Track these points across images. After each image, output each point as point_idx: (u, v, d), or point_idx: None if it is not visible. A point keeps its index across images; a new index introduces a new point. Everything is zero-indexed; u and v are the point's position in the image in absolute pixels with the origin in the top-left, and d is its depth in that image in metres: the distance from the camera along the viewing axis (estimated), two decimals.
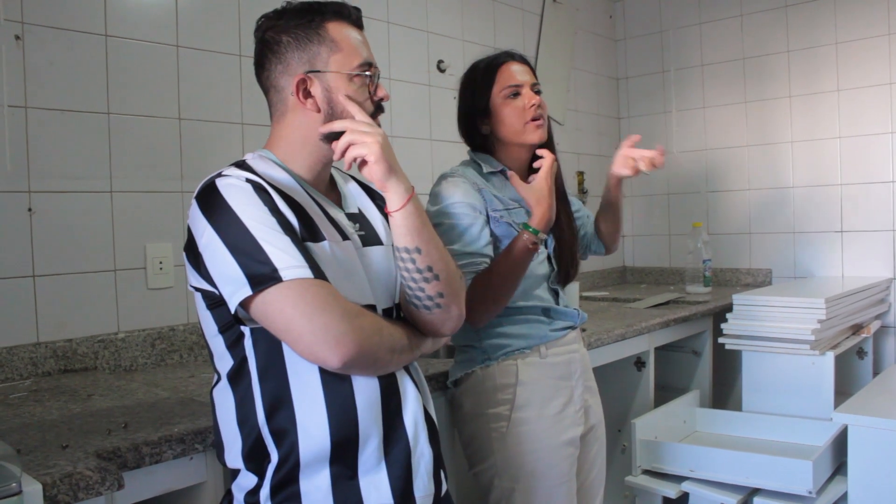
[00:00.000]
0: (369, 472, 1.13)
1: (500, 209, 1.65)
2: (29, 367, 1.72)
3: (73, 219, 1.81)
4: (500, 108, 1.68)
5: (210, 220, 1.07)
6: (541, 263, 1.70)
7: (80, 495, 1.03)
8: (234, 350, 1.13)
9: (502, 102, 1.68)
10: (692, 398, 2.68)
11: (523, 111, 1.67)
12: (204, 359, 1.99)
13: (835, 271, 3.23)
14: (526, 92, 1.68)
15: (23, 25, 1.72)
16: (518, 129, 1.67)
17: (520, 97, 1.67)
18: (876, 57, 3.09)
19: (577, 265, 1.79)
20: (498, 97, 1.68)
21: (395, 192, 1.16)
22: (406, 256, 1.17)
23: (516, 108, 1.67)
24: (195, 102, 2.04)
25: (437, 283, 1.19)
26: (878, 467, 2.10)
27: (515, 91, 1.67)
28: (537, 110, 1.67)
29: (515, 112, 1.67)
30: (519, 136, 1.68)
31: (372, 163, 1.13)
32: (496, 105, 1.68)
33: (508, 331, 1.66)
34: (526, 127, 1.67)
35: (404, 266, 1.18)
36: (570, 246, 1.76)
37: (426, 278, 1.18)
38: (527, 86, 1.69)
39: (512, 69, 1.69)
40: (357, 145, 1.14)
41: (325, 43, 1.17)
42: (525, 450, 1.63)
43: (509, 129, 1.68)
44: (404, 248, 1.18)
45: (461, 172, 1.68)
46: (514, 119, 1.67)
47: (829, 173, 3.23)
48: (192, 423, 1.32)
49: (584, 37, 3.66)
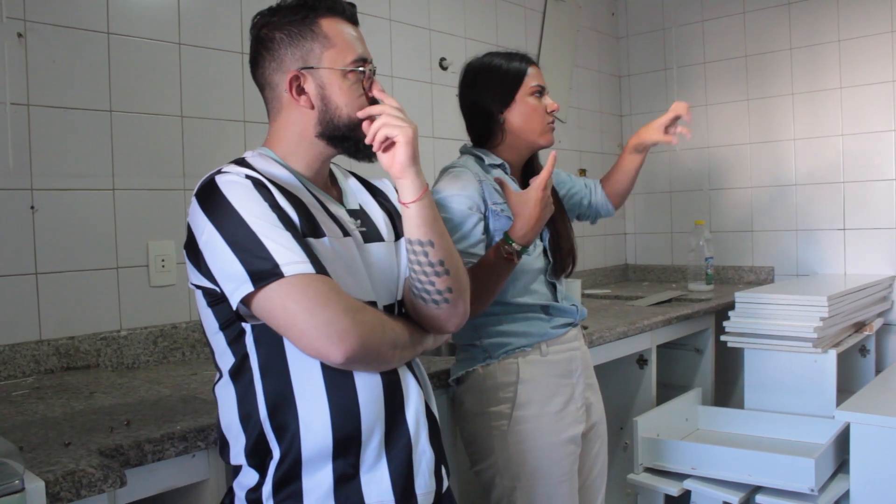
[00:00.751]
0: (371, 469, 1.13)
1: (501, 202, 1.66)
2: (31, 364, 1.72)
3: (76, 216, 1.82)
4: (524, 105, 1.71)
5: (210, 216, 1.07)
6: (537, 257, 1.70)
7: (83, 493, 1.03)
8: (236, 347, 1.13)
9: (528, 99, 1.71)
10: (694, 396, 2.68)
11: (544, 113, 1.72)
12: (206, 356, 1.99)
13: (837, 269, 3.23)
14: (546, 96, 1.74)
15: (25, 23, 1.72)
16: (536, 128, 1.72)
17: (543, 98, 1.73)
18: (879, 54, 3.08)
19: (575, 258, 1.80)
20: (526, 93, 1.71)
21: (412, 183, 1.15)
22: (419, 249, 1.17)
23: (539, 107, 1.72)
24: (197, 100, 2.04)
25: (447, 277, 1.19)
26: (881, 465, 2.10)
27: (542, 91, 1.73)
28: (553, 116, 1.74)
29: (538, 111, 1.71)
30: (534, 134, 1.72)
31: (401, 143, 1.13)
32: (521, 100, 1.71)
33: (509, 329, 1.66)
34: (545, 129, 1.72)
35: (416, 259, 1.18)
36: (567, 238, 1.77)
37: (437, 272, 1.18)
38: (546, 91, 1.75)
39: (536, 72, 1.74)
40: (390, 126, 1.13)
41: (318, 39, 1.16)
42: (526, 448, 1.63)
43: (528, 126, 1.72)
44: (417, 241, 1.17)
45: (463, 163, 1.70)
46: (536, 118, 1.71)
47: (831, 171, 3.22)
48: (194, 420, 1.32)
49: (586, 34, 3.65)
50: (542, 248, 1.72)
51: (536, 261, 1.70)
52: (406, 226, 1.18)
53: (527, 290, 1.68)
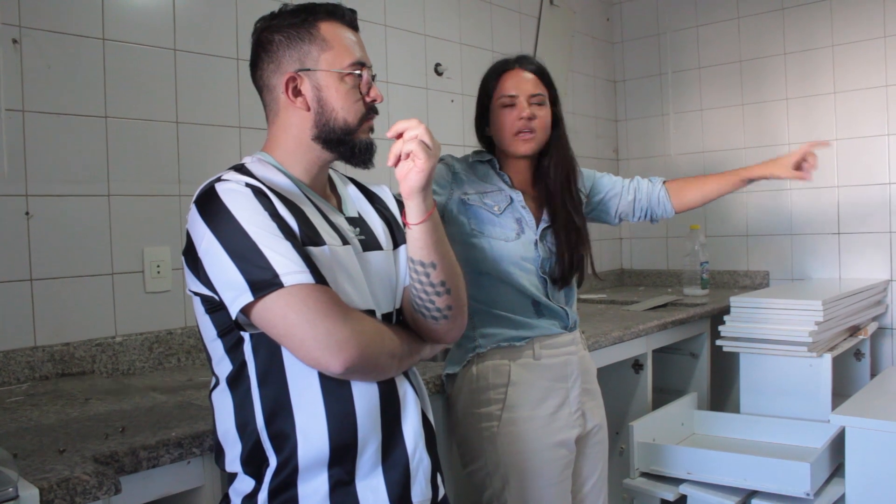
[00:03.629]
0: (367, 477, 1.13)
1: (472, 193, 1.70)
2: (26, 370, 1.72)
3: (71, 223, 1.81)
4: (495, 115, 1.73)
5: (210, 225, 1.07)
6: (525, 245, 1.70)
7: (77, 500, 1.03)
8: (234, 354, 1.13)
9: (498, 110, 1.72)
10: (690, 400, 2.68)
11: (512, 122, 1.70)
12: (202, 362, 1.98)
13: (832, 273, 3.24)
14: (520, 103, 1.70)
15: (20, 29, 1.72)
16: (507, 138, 1.72)
17: (513, 108, 1.70)
18: (872, 59, 3.10)
19: (582, 272, 1.78)
20: (496, 103, 1.73)
21: (417, 206, 1.15)
22: (421, 270, 1.17)
23: (506, 119, 1.71)
24: (193, 106, 2.04)
25: (448, 296, 1.19)
26: (876, 469, 2.10)
27: (511, 102, 1.71)
28: (527, 123, 1.69)
29: (507, 122, 1.71)
30: (507, 145, 1.73)
31: (420, 168, 1.11)
32: (493, 110, 1.74)
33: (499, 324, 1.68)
34: (513, 139, 1.71)
35: (417, 278, 1.18)
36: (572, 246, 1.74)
37: (438, 292, 1.18)
38: (523, 97, 1.71)
39: (515, 77, 1.72)
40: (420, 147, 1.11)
41: (316, 41, 1.17)
42: (515, 450, 1.63)
43: (499, 137, 1.74)
44: (419, 262, 1.17)
45: (442, 157, 1.72)
46: (505, 128, 1.72)
47: (825, 176, 3.22)
48: (189, 427, 1.32)
49: (581, 39, 3.66)
50: (534, 240, 1.72)
51: (524, 248, 1.70)
52: (409, 245, 1.18)
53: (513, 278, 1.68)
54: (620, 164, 3.87)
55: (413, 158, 1.11)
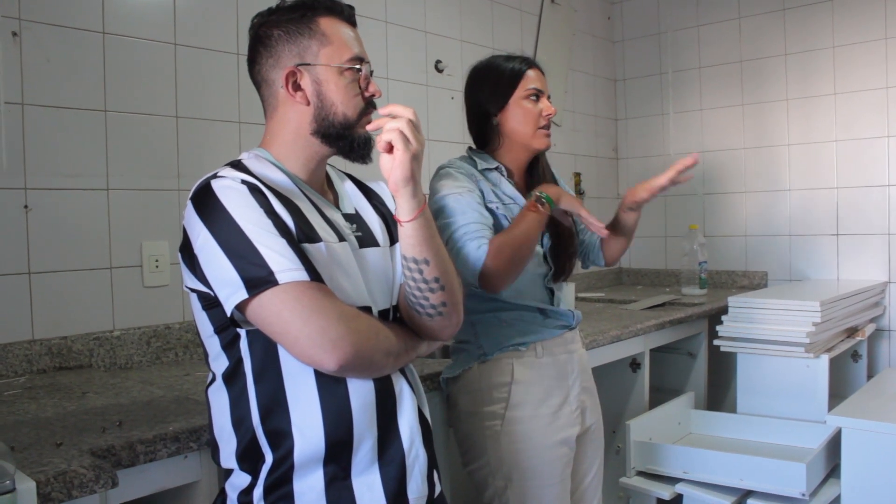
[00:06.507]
0: (363, 473, 1.13)
1: (496, 201, 1.68)
2: (24, 364, 1.72)
3: (70, 216, 1.81)
4: (518, 107, 1.71)
5: (206, 221, 1.07)
6: (538, 264, 1.71)
7: (74, 493, 1.03)
8: (230, 351, 1.13)
9: (522, 102, 1.71)
10: (687, 400, 2.68)
11: (538, 117, 1.71)
12: (199, 357, 1.98)
13: (830, 274, 3.24)
14: (544, 99, 1.73)
15: (20, 22, 1.72)
16: (528, 132, 1.72)
17: (539, 102, 1.72)
18: (872, 61, 3.10)
19: (573, 263, 1.81)
20: (522, 95, 1.71)
21: (406, 202, 1.12)
22: (414, 266, 1.16)
23: (533, 111, 1.71)
24: (192, 100, 2.04)
25: (442, 293, 1.18)
26: (872, 470, 2.11)
27: (537, 94, 1.72)
28: (548, 120, 1.73)
29: (531, 115, 1.71)
30: (527, 138, 1.73)
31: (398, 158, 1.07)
32: (515, 103, 1.72)
33: (504, 326, 1.68)
34: (536, 132, 1.72)
35: (411, 276, 1.17)
36: (566, 243, 1.77)
37: (432, 289, 1.17)
38: (545, 95, 1.74)
39: (538, 74, 1.75)
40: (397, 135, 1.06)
41: (315, 36, 1.17)
42: (519, 448, 1.63)
43: (520, 130, 1.72)
44: (412, 259, 1.16)
45: (458, 165, 1.71)
46: (529, 120, 1.71)
47: (825, 176, 3.23)
48: (186, 421, 1.32)
49: (582, 38, 3.66)
50: (542, 255, 1.73)
51: (537, 267, 1.72)
52: (402, 242, 1.17)
53: (524, 293, 1.69)
54: (620, 163, 3.87)
55: (394, 150, 1.08)
